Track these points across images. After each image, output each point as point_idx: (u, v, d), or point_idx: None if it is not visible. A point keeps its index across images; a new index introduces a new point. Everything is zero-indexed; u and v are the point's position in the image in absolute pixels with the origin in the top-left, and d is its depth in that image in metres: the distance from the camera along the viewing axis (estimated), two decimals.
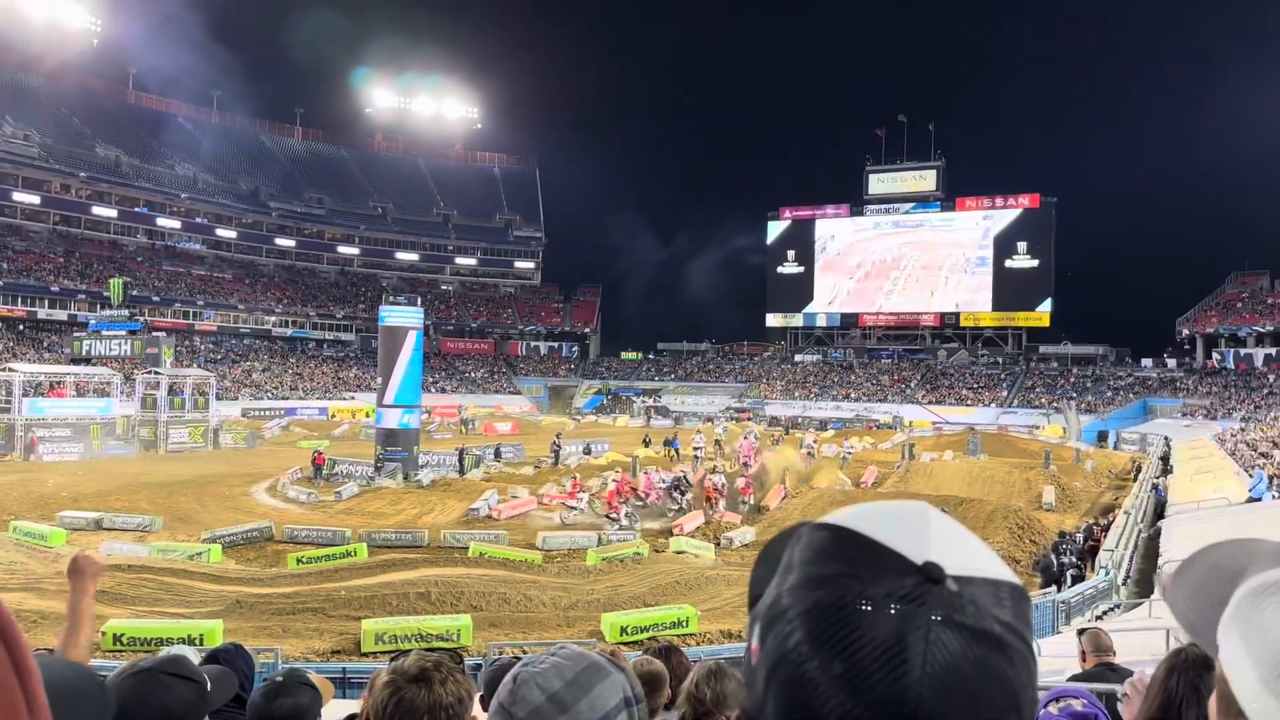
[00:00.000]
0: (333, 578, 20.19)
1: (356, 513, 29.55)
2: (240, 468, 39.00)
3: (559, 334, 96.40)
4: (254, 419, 58.70)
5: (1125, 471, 40.95)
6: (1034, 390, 74.05)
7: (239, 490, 33.08)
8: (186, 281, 77.49)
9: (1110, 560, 19.10)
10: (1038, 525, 25.86)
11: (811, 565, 0.71)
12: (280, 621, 16.89)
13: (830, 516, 0.76)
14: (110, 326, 51.94)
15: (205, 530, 24.89)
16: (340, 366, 79.28)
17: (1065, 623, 15.93)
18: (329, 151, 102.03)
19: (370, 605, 17.65)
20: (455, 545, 24.07)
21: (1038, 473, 36.83)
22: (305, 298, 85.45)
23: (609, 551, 23.15)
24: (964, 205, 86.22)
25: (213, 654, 3.00)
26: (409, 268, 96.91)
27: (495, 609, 17.95)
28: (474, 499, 30.07)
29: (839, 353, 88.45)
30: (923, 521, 0.73)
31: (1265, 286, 72.61)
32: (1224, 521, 20.84)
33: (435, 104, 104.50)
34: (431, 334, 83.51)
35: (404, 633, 15.66)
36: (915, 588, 0.68)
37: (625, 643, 16.01)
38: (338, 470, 36.43)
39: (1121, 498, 31.19)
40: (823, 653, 0.67)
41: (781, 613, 0.70)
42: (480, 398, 79.30)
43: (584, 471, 38.29)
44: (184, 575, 20.05)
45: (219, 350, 74.15)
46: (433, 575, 19.93)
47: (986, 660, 0.66)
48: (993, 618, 0.68)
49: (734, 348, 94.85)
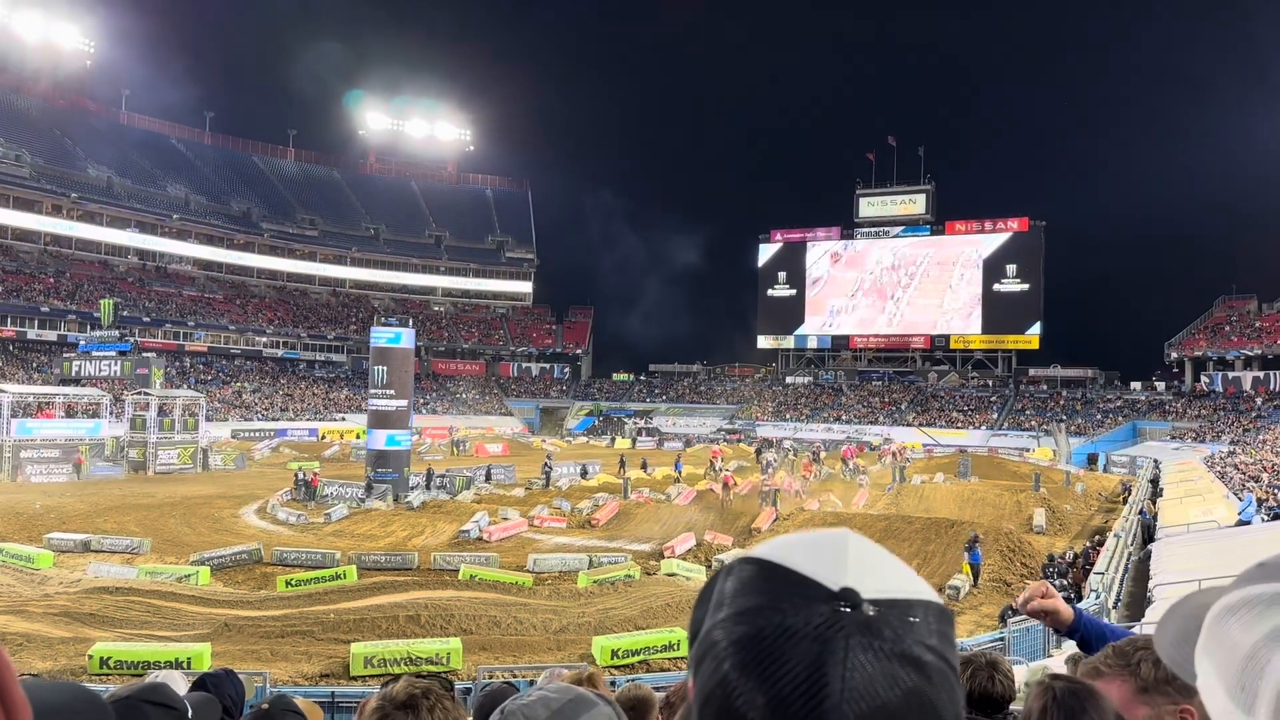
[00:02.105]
0: (322, 600, 20.07)
1: (346, 535, 29.43)
2: (229, 489, 38.84)
3: (551, 355, 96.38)
4: (244, 440, 58.49)
5: (1115, 494, 41.02)
6: (1024, 413, 74.25)
7: (228, 512, 32.92)
8: (177, 302, 77.31)
9: (1101, 583, 19.10)
10: (1029, 548, 25.86)
11: (737, 599, 0.72)
12: (269, 644, 16.78)
13: (755, 550, 0.77)
14: (100, 347, 51.79)
15: (194, 552, 24.77)
16: (331, 387, 79.10)
17: (1056, 646, 15.92)
18: (321, 173, 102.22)
19: (359, 628, 17.55)
20: (446, 568, 24.00)
21: (1028, 495, 36.84)
22: (296, 318, 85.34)
23: (600, 574, 23.08)
24: (954, 229, 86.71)
25: (201, 680, 2.95)
26: (401, 289, 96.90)
27: (485, 632, 17.85)
28: (464, 521, 29.98)
29: (830, 375, 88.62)
30: (842, 548, 0.75)
31: (1253, 310, 73.00)
32: (1213, 544, 20.88)
33: (428, 126, 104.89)
34: (423, 355, 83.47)
35: (393, 656, 15.57)
36: (832, 614, 0.69)
37: (616, 666, 15.96)
38: (328, 492, 36.30)
39: (1112, 520, 31.24)
40: (748, 684, 0.68)
41: (711, 647, 0.72)
42: (472, 419, 79.19)
43: (575, 493, 38.26)
44: (172, 598, 19.90)
45: (209, 371, 73.92)
46: (422, 598, 19.82)
47: (905, 681, 0.67)
48: (912, 638, 0.69)
49: (725, 369, 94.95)
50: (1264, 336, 68.43)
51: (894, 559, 0.78)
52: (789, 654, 0.67)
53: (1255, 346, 67.74)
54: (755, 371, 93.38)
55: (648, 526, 31.17)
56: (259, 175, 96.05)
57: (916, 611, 0.72)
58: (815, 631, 0.68)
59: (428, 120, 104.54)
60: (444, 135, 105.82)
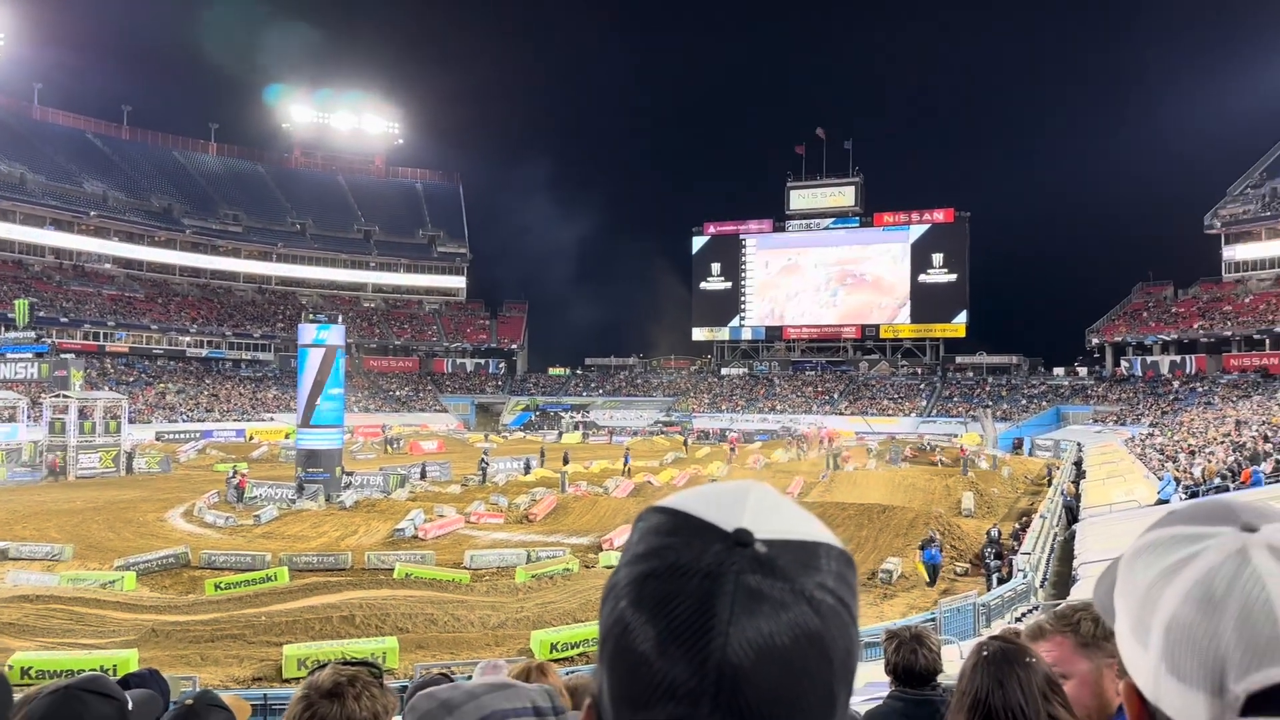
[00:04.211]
0: (253, 603, 19.69)
1: (277, 536, 28.89)
2: (155, 493, 37.86)
3: (485, 351, 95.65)
4: (169, 442, 56.98)
5: (1040, 477, 42.10)
6: (952, 400, 75.80)
7: (153, 516, 32.09)
8: (96, 302, 74.93)
9: (1028, 563, 19.61)
10: (958, 530, 26.42)
11: (640, 543, 0.75)
12: (198, 649, 16.42)
13: (663, 499, 0.79)
14: (15, 349, 50.06)
15: (118, 557, 24.14)
16: (258, 387, 77.46)
17: (986, 624, 16.30)
18: (245, 167, 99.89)
19: (292, 630, 17.26)
20: (381, 567, 23.73)
21: (957, 479, 37.67)
22: (221, 317, 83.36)
23: (538, 568, 23.02)
24: (881, 220, 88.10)
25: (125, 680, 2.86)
26: (329, 285, 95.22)
27: (422, 630, 17.68)
28: (399, 519, 29.65)
29: (764, 366, 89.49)
30: (742, 495, 0.77)
31: (1169, 296, 75.52)
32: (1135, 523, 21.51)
33: (355, 119, 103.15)
34: (354, 352, 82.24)
35: (327, 657, 15.30)
36: (723, 551, 0.71)
37: (555, 660, 15.93)
38: (257, 493, 35.58)
39: (1037, 502, 32.05)
40: (640, 619, 0.70)
41: (612, 588, 0.75)
42: (405, 416, 78.24)
43: (512, 489, 38.07)
44: (96, 605, 19.37)
45: (131, 372, 71.85)
46: (357, 598, 19.57)
47: (794, 617, 0.69)
48: (805, 577, 0.71)
49: (661, 362, 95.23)
50: (1180, 321, 70.82)
51: (797, 506, 0.79)
52: (680, 589, 0.69)
53: (1172, 331, 70.07)
54: (691, 364, 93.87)
55: (586, 520, 31.17)
56: (180, 170, 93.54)
57: (814, 552, 0.74)
58: (706, 568, 0.70)
59: (355, 113, 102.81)
60: (372, 128, 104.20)
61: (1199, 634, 0.76)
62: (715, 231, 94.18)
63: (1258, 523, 0.81)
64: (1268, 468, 24.74)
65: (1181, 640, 0.77)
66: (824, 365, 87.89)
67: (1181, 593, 0.78)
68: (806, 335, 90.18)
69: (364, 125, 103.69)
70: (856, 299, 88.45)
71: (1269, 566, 0.76)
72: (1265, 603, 0.74)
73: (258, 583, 21.60)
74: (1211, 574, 0.77)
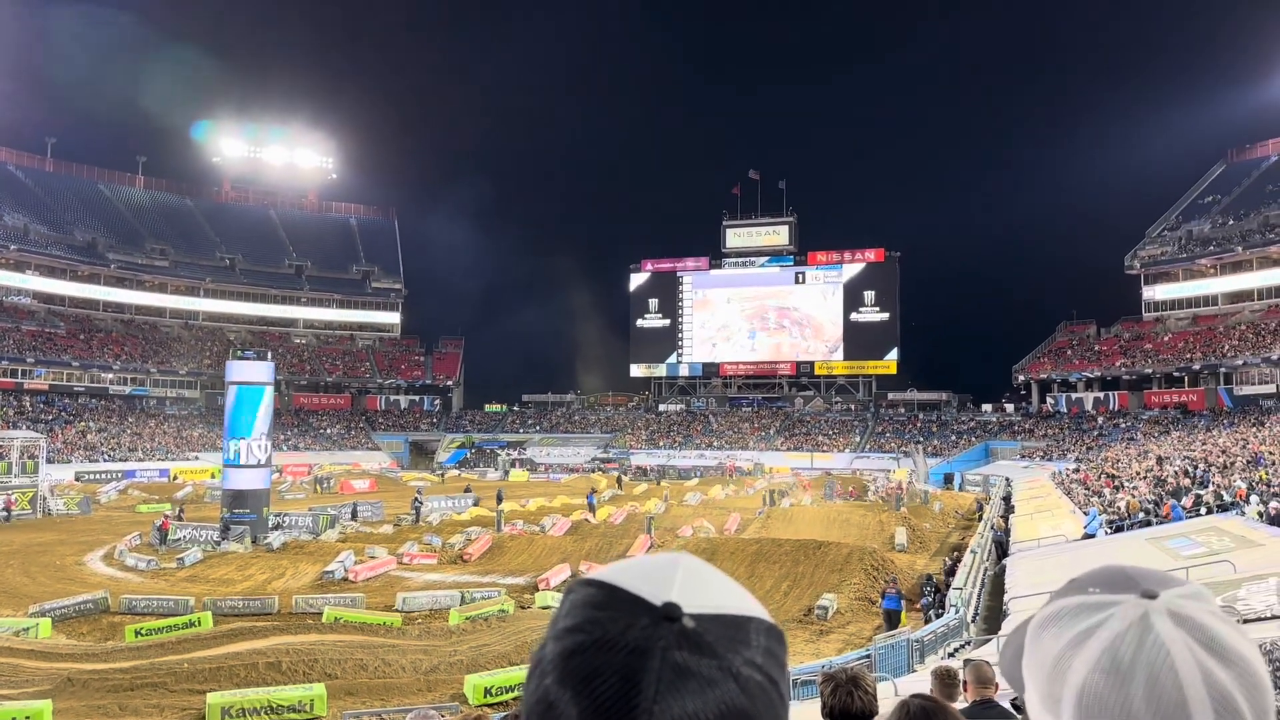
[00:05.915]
0: (175, 649, 19.01)
1: (201, 580, 28.06)
2: (73, 535, 36.55)
3: (420, 387, 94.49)
4: (89, 483, 55.10)
5: (970, 512, 42.80)
6: (884, 435, 76.90)
7: (71, 559, 30.96)
8: (15, 338, 72.45)
9: (960, 598, 19.83)
10: (892, 566, 26.65)
11: (568, 616, 0.74)
12: (117, 699, 15.78)
13: (592, 572, 0.80)
14: None
15: (33, 603, 23.19)
16: (183, 425, 75.46)
17: (920, 661, 16.42)
18: (173, 201, 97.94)
19: (216, 678, 16.69)
20: (309, 611, 23.16)
21: (890, 515, 38.10)
22: (146, 353, 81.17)
23: (473, 610, 22.66)
24: (815, 259, 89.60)
25: None
26: (259, 320, 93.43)
27: (352, 676, 17.24)
28: (329, 561, 29.01)
29: (701, 402, 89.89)
30: (672, 568, 0.77)
31: (1092, 335, 77.90)
32: (1062, 557, 21.99)
33: (287, 153, 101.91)
34: (283, 389, 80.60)
35: (253, 705, 14.88)
36: (650, 626, 0.70)
37: (490, 704, 15.64)
38: (180, 535, 34.53)
39: (968, 537, 32.54)
40: (565, 695, 0.69)
41: (538, 663, 0.74)
42: (336, 454, 76.81)
43: (447, 528, 37.51)
44: (8, 653, 18.55)
45: (51, 410, 69.48)
46: (284, 643, 19.03)
47: (720, 694, 0.68)
48: (733, 654, 0.71)
49: (599, 399, 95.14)
50: (1103, 359, 72.95)
51: (726, 579, 0.79)
52: (605, 665, 0.69)
53: (1095, 369, 72.13)
54: (629, 400, 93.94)
55: (522, 559, 30.83)
56: (105, 204, 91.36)
57: (743, 627, 0.73)
58: (633, 643, 0.69)
59: (288, 148, 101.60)
60: (305, 163, 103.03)
61: (1110, 703, 0.77)
62: (653, 269, 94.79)
63: (1157, 589, 0.83)
64: (1188, 502, 25.49)
65: (1093, 709, 0.78)
66: (760, 401, 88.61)
67: (1090, 662, 0.80)
68: (743, 372, 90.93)
69: (297, 160, 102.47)
70: (791, 336, 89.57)
71: (1171, 633, 0.79)
72: (1170, 669, 0.76)
73: (180, 628, 20.90)
74: (1117, 642, 0.79)
